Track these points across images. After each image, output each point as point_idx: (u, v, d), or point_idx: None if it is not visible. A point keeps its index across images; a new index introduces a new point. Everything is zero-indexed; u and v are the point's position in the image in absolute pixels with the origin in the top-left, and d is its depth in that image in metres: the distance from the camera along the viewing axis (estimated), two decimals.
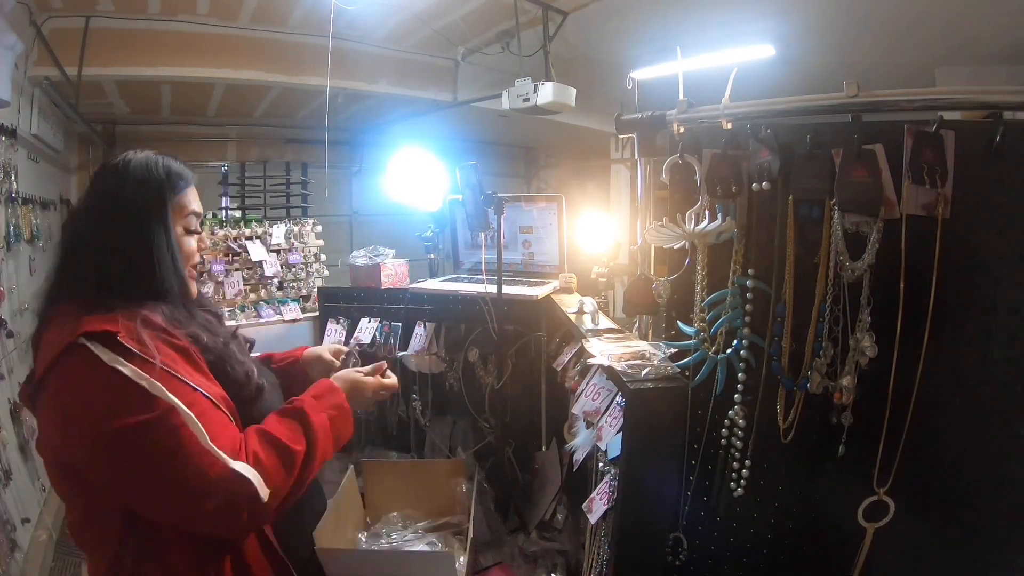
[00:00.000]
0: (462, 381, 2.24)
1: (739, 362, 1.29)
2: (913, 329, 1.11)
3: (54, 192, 4.06)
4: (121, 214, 0.91)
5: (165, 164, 0.96)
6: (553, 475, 1.93)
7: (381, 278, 2.38)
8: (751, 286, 1.27)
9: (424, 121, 5.10)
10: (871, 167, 1.14)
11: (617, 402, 1.14)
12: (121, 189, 0.92)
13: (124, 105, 4.52)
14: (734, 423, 1.30)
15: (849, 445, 1.21)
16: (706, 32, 3.32)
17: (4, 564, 2.12)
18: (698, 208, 1.30)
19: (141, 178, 0.93)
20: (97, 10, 3.22)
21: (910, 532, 1.19)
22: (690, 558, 1.37)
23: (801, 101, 1.22)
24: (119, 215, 0.91)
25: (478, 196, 1.77)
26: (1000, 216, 1.11)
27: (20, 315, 2.88)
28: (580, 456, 1.32)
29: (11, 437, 2.50)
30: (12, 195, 2.84)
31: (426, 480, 1.89)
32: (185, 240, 0.99)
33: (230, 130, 5.53)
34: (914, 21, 3.24)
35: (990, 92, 1.11)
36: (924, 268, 1.11)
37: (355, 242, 5.70)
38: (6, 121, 2.78)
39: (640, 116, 1.43)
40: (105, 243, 0.90)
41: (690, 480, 1.34)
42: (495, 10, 3.53)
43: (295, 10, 3.51)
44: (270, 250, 3.06)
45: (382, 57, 4.14)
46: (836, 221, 1.16)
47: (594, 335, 1.35)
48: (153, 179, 0.94)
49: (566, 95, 3.23)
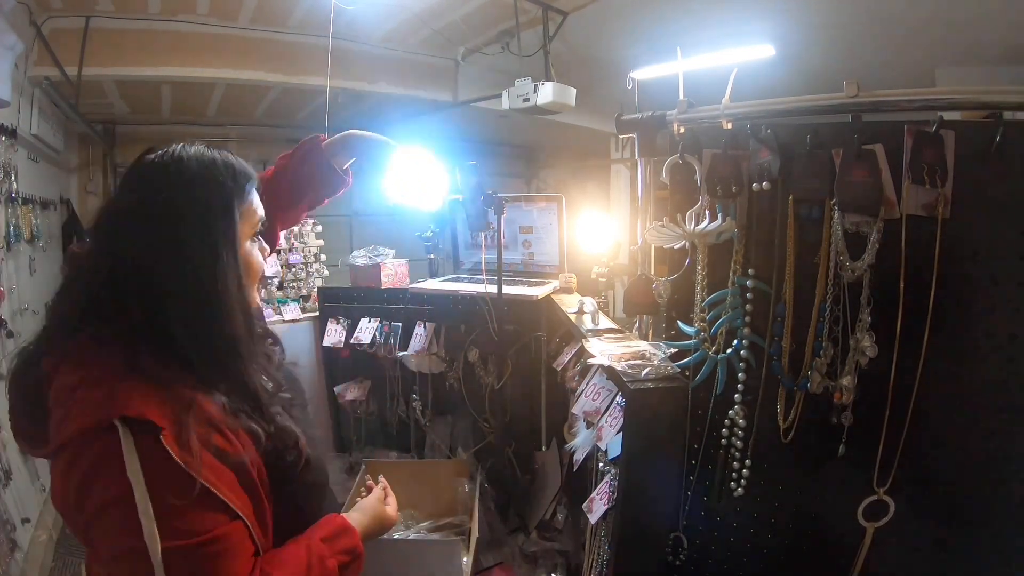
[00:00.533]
0: (462, 381, 2.24)
1: (739, 362, 1.29)
2: (913, 329, 1.12)
3: (54, 192, 4.06)
4: (178, 230, 0.69)
5: (226, 161, 0.76)
6: (553, 475, 1.93)
7: (381, 278, 2.38)
8: (751, 286, 1.27)
9: (424, 121, 5.10)
10: (871, 167, 1.14)
11: (617, 402, 1.14)
12: (178, 194, 0.70)
13: (124, 105, 4.52)
14: (734, 423, 1.30)
15: (849, 445, 1.21)
16: (706, 32, 3.31)
17: (4, 564, 2.12)
18: (698, 208, 1.30)
19: (203, 182, 0.72)
20: (97, 10, 3.21)
21: (910, 532, 1.20)
22: (690, 558, 1.37)
23: (801, 101, 1.22)
24: (176, 231, 0.69)
25: (478, 196, 1.77)
26: (1000, 216, 1.11)
27: (20, 315, 2.88)
28: (580, 456, 1.32)
29: (11, 437, 2.50)
30: (12, 195, 2.84)
31: (427, 480, 1.89)
32: (255, 252, 0.81)
33: (230, 130, 5.53)
34: (914, 21, 3.24)
35: (990, 92, 1.11)
36: (924, 268, 1.11)
37: (355, 242, 5.69)
38: (6, 121, 2.77)
39: (640, 116, 1.43)
40: (154, 265, 0.69)
41: (690, 480, 1.34)
42: (495, 10, 3.53)
43: (295, 10, 3.51)
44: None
45: (382, 57, 4.14)
46: (836, 221, 1.16)
47: (594, 335, 1.35)
48: (217, 182, 0.73)
49: (566, 95, 3.23)
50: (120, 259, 0.69)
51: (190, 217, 0.70)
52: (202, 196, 0.71)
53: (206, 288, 0.70)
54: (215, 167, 0.74)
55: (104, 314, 0.69)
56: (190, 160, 0.72)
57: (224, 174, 0.74)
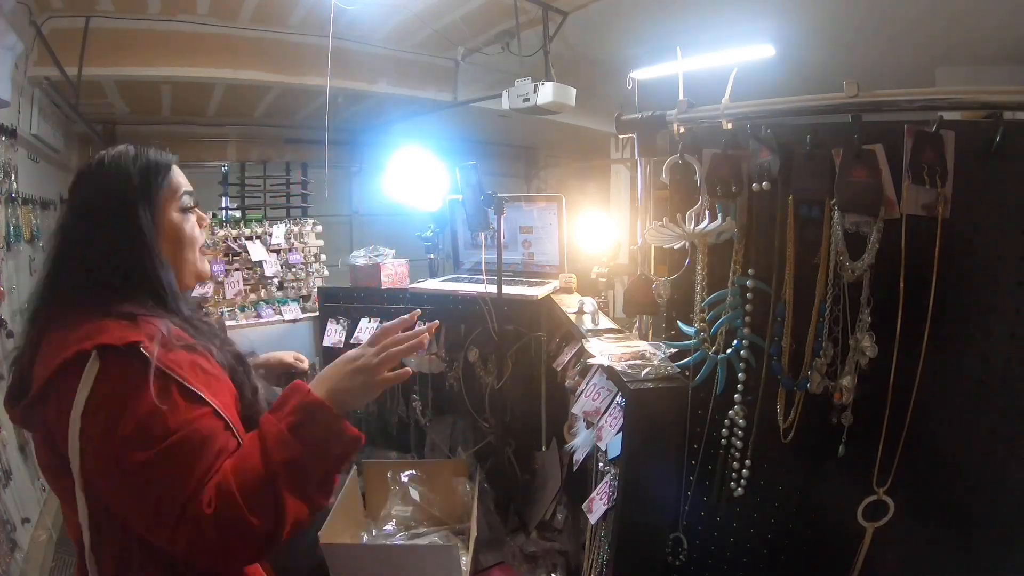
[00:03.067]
0: (462, 381, 2.24)
1: (739, 362, 1.29)
2: (913, 329, 1.12)
3: (54, 192, 4.05)
4: (108, 211, 0.87)
5: (138, 155, 0.91)
6: (553, 475, 1.93)
7: (381, 278, 2.38)
8: (751, 286, 1.27)
9: (424, 121, 5.10)
10: (871, 167, 1.14)
11: (617, 402, 1.14)
12: (103, 186, 0.89)
13: (124, 105, 4.53)
14: (734, 423, 1.30)
15: (849, 445, 1.21)
16: (706, 32, 3.32)
17: (4, 564, 2.12)
18: (698, 208, 1.30)
19: (114, 178, 0.89)
20: (97, 10, 3.21)
21: (910, 532, 1.19)
22: (690, 558, 1.37)
23: (801, 101, 1.22)
24: (107, 212, 0.87)
25: (478, 196, 1.77)
26: (1000, 216, 1.11)
27: (20, 315, 2.88)
28: (580, 456, 1.32)
29: (11, 437, 2.50)
30: (12, 195, 2.84)
31: (427, 480, 1.89)
32: (186, 222, 0.94)
33: (230, 130, 5.53)
34: (914, 21, 3.24)
35: (990, 92, 1.11)
36: (924, 268, 1.11)
37: (355, 242, 5.70)
38: (6, 121, 2.78)
39: (640, 116, 1.43)
40: (97, 243, 0.86)
41: (690, 480, 1.34)
42: (495, 10, 3.54)
43: (295, 10, 3.51)
44: (270, 250, 3.06)
45: (382, 57, 4.14)
46: (836, 221, 1.16)
47: (594, 335, 1.35)
48: (127, 175, 0.89)
49: (566, 95, 3.23)
50: (72, 245, 0.88)
51: (105, 206, 0.88)
52: (114, 187, 0.88)
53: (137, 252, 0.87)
54: (125, 163, 0.89)
55: (66, 290, 0.86)
56: (109, 163, 0.90)
57: (133, 168, 0.89)
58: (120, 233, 0.86)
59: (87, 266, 0.85)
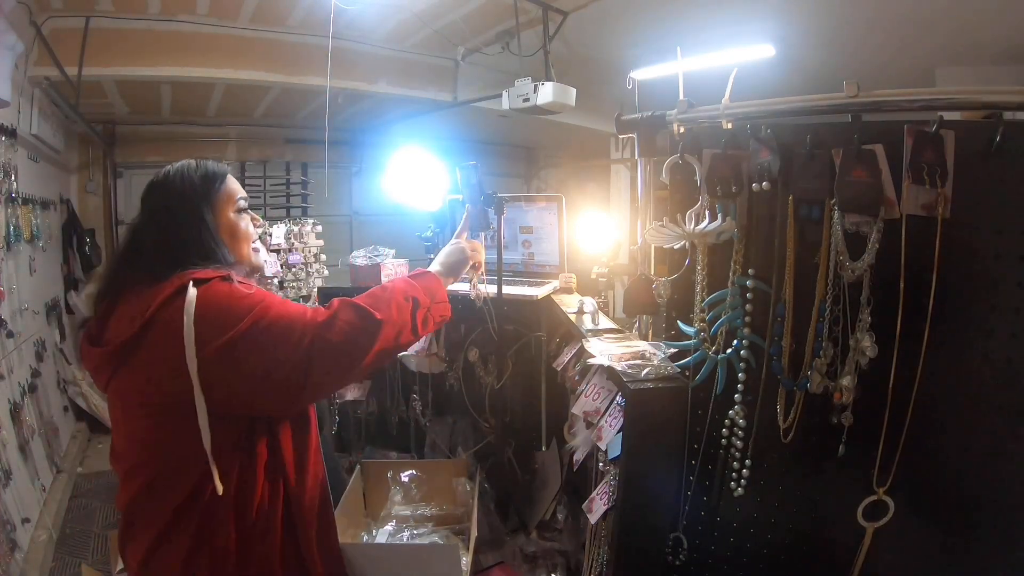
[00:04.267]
0: (462, 381, 2.24)
1: (739, 362, 1.29)
2: (913, 329, 1.12)
3: (54, 192, 4.06)
4: (176, 210, 1.03)
5: (199, 166, 1.09)
6: (553, 475, 1.93)
7: (381, 278, 2.38)
8: (751, 286, 1.27)
9: (424, 121, 5.10)
10: (871, 167, 1.14)
11: (617, 402, 1.14)
12: (172, 191, 1.05)
13: (124, 105, 4.52)
14: (734, 423, 1.30)
15: (849, 445, 1.21)
16: (706, 32, 3.31)
17: (4, 564, 2.12)
18: (698, 208, 1.30)
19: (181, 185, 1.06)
20: (97, 10, 3.21)
21: (910, 532, 1.19)
22: (690, 558, 1.37)
23: (801, 101, 1.22)
24: (175, 211, 1.03)
25: (478, 196, 1.77)
26: (1000, 216, 1.11)
27: (20, 315, 2.88)
28: (580, 456, 1.33)
29: (11, 437, 2.50)
30: (12, 195, 2.84)
31: (427, 480, 1.89)
32: (241, 221, 1.11)
33: (230, 130, 5.53)
34: (914, 21, 3.24)
35: (990, 92, 1.11)
36: (924, 268, 1.11)
37: (355, 242, 5.70)
38: (6, 121, 2.78)
39: (640, 116, 1.43)
40: (170, 233, 1.01)
41: (690, 480, 1.34)
42: (495, 10, 3.53)
43: (295, 10, 3.51)
44: (270, 250, 3.07)
45: (382, 57, 4.14)
46: (836, 221, 1.16)
47: (594, 335, 1.35)
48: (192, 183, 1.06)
49: (566, 95, 3.23)
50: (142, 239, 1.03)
51: (173, 207, 1.04)
52: (180, 191, 1.05)
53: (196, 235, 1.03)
54: (188, 172, 1.06)
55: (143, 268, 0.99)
56: (174, 173, 1.07)
57: (195, 176, 1.06)
58: (188, 225, 1.02)
59: (161, 248, 1.00)
